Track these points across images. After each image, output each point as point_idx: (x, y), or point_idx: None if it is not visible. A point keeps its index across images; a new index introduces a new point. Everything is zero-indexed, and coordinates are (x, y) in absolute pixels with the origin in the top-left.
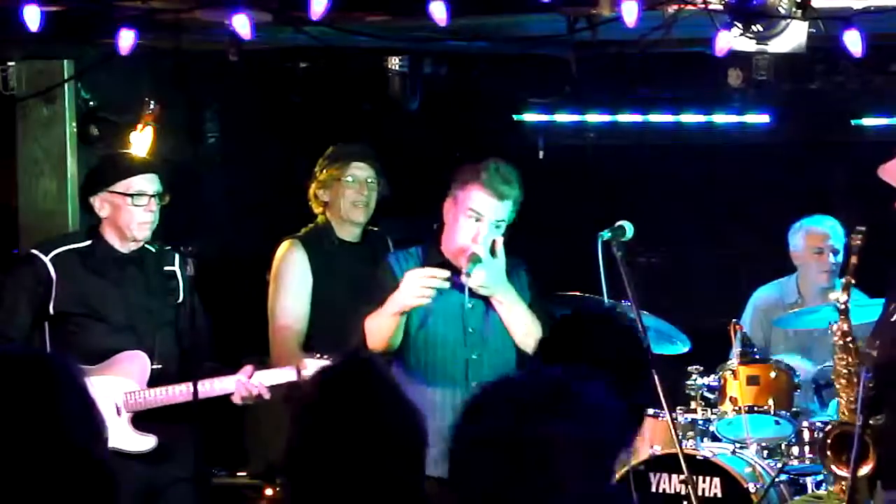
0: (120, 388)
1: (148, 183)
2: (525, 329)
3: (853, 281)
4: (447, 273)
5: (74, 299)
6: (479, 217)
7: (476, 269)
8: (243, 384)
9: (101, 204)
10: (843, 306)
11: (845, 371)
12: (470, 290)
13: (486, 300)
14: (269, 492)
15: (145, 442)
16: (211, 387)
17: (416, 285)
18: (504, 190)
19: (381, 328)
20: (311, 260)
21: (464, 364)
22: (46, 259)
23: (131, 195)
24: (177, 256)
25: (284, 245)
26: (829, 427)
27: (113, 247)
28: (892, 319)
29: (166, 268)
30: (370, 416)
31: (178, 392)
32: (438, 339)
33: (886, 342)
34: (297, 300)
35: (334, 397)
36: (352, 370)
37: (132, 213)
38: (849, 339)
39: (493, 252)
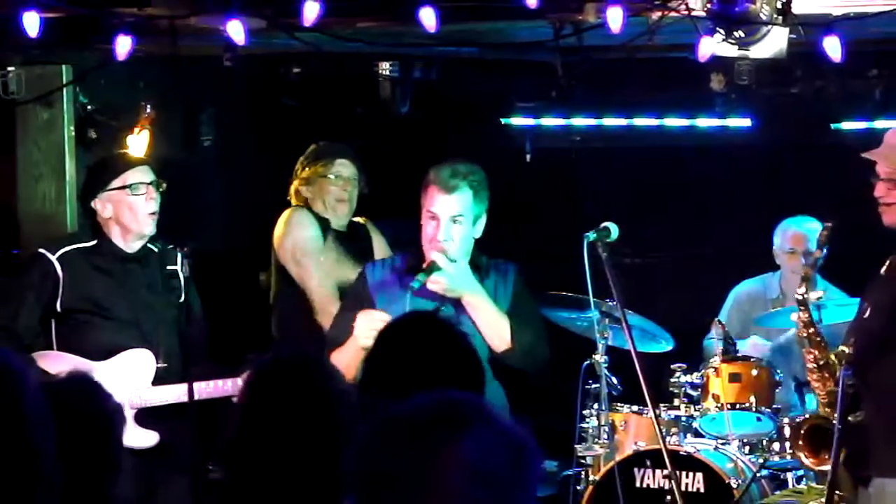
0: (124, 385)
1: (142, 174)
2: (495, 330)
3: (809, 273)
4: (389, 317)
5: (81, 297)
6: (434, 216)
7: (435, 275)
8: None
9: (102, 205)
10: (801, 297)
11: (815, 366)
12: (438, 294)
13: (456, 303)
14: None
15: (148, 438)
16: (214, 388)
17: (366, 327)
18: (453, 183)
19: (347, 365)
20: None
21: None
22: (54, 258)
23: (129, 186)
24: (178, 256)
25: (289, 210)
26: (803, 419)
27: (118, 246)
28: (865, 316)
29: (169, 267)
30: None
31: (182, 391)
32: None
33: (860, 338)
34: (317, 251)
35: (267, 395)
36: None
37: (134, 205)
38: (811, 330)
39: (453, 254)
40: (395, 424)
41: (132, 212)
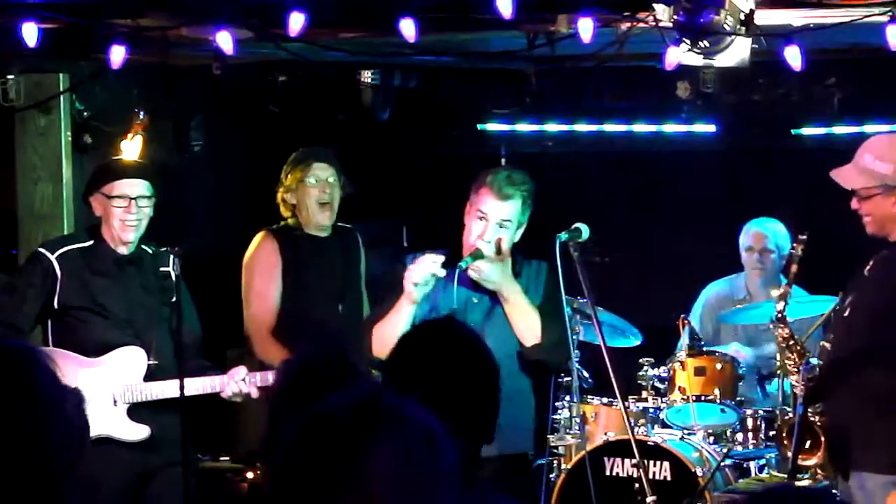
0: (118, 380)
1: (130, 187)
2: (526, 325)
3: (789, 289)
4: (442, 258)
5: (77, 295)
6: (483, 217)
7: (477, 262)
8: (236, 384)
9: (95, 205)
10: (779, 315)
11: (794, 369)
12: (476, 283)
13: (492, 296)
14: (250, 475)
15: (139, 431)
16: (203, 385)
17: (419, 271)
18: (508, 191)
19: (395, 328)
20: (282, 249)
21: None
22: (53, 257)
23: (111, 197)
24: (171, 258)
25: (258, 236)
26: (786, 417)
27: (112, 247)
28: (845, 315)
29: (162, 268)
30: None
31: (173, 387)
32: None
33: (839, 335)
34: (268, 286)
35: (307, 387)
36: (326, 362)
37: (114, 213)
38: (791, 342)
39: (498, 249)
40: (314, 423)
41: (112, 218)
